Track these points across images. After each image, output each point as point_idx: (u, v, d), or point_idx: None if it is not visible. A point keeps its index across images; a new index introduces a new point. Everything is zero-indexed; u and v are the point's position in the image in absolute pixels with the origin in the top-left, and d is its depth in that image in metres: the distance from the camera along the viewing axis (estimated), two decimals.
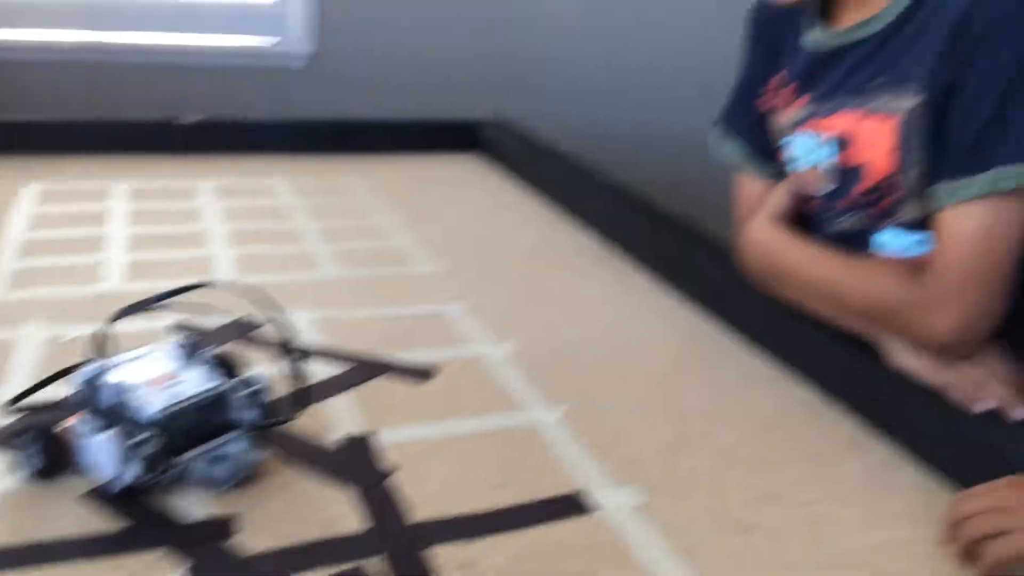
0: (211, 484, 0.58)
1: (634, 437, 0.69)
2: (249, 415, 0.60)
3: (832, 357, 0.77)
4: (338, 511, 0.58)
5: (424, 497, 0.60)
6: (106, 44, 2.14)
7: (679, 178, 2.10)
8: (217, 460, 0.58)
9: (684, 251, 1.01)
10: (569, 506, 0.60)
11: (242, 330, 0.82)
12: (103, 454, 0.55)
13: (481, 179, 1.50)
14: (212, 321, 0.82)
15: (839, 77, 0.75)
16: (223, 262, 1.02)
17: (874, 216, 0.76)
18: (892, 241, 0.75)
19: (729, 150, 0.87)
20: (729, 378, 0.80)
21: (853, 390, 0.74)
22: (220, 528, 0.55)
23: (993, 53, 0.65)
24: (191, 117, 1.53)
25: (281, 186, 1.36)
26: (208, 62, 2.24)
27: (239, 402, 0.60)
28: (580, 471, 0.64)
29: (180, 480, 0.58)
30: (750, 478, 0.64)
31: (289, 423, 0.64)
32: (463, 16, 2.23)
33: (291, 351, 0.65)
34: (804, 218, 0.83)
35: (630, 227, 1.13)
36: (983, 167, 0.66)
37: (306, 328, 0.85)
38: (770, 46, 0.83)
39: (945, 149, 0.68)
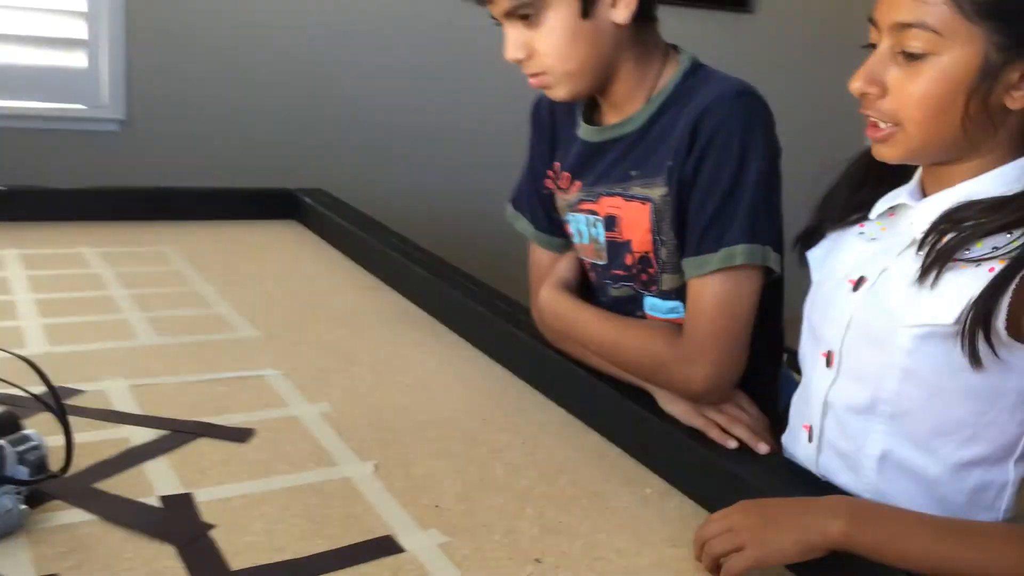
0: None
1: (439, 485, 0.76)
2: (20, 471, 0.63)
3: (614, 405, 0.87)
4: (161, 565, 0.61)
5: (242, 548, 0.64)
6: None
7: (483, 243, 2.23)
8: None
9: (487, 313, 1.11)
10: (379, 549, 0.66)
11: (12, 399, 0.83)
12: None
13: (298, 246, 1.55)
14: None
15: (604, 167, 0.87)
16: (33, 332, 1.02)
17: (640, 285, 0.88)
18: (656, 306, 0.88)
19: (521, 226, 0.98)
20: (528, 427, 0.89)
21: (631, 433, 0.85)
22: None
23: (719, 152, 0.79)
24: None
25: (92, 254, 1.35)
26: (17, 125, 2.17)
27: (12, 458, 0.63)
28: (388, 518, 0.70)
29: None
30: (540, 515, 0.73)
31: (93, 482, 0.67)
32: (277, 87, 2.28)
33: (57, 411, 0.69)
34: (588, 286, 0.94)
35: (438, 292, 1.21)
36: (716, 247, 0.79)
37: (122, 396, 0.87)
38: (550, 137, 0.94)
39: (688, 231, 0.82)
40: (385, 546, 0.66)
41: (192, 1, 2.16)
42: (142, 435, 0.80)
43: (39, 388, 0.73)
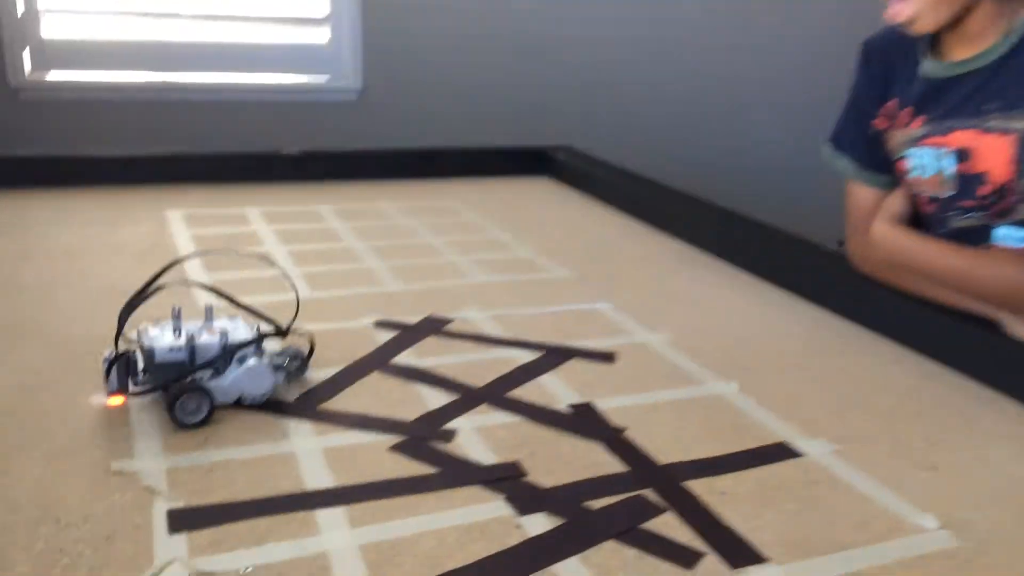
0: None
1: (805, 404, 0.82)
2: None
3: (953, 332, 0.90)
4: (596, 459, 0.70)
5: (654, 449, 0.72)
6: (176, 84, 2.26)
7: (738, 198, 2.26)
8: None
9: (778, 253, 1.15)
10: (779, 452, 0.72)
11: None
12: (258, 377, 0.73)
13: (560, 199, 1.63)
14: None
15: (955, 101, 0.89)
16: (384, 272, 1.14)
17: (992, 215, 0.90)
18: (1009, 236, 0.89)
19: (842, 165, 1.01)
20: (861, 357, 0.93)
21: (977, 359, 0.87)
22: (514, 469, 0.67)
23: None
24: (293, 149, 1.65)
25: (389, 207, 1.48)
26: (267, 98, 2.37)
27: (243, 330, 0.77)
28: (774, 428, 0.76)
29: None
30: (916, 429, 0.77)
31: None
32: (497, 53, 2.38)
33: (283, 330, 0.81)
34: (918, 220, 0.97)
35: (727, 235, 1.26)
36: None
37: (486, 324, 0.97)
38: (883, 77, 0.97)
39: None
40: (784, 451, 0.72)
41: None
42: (522, 356, 0.89)
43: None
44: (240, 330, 0.76)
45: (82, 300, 0.99)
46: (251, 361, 0.74)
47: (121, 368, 0.71)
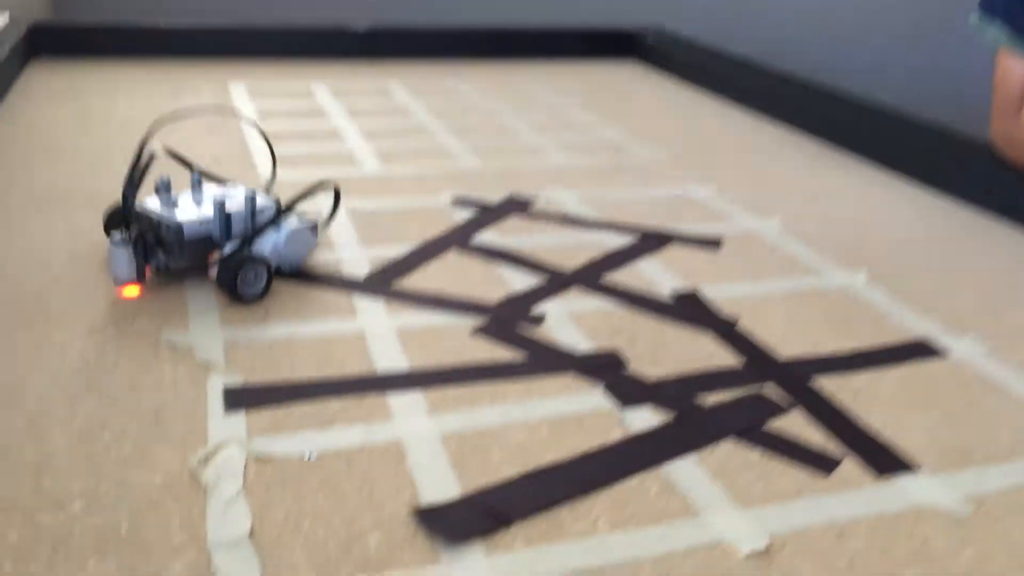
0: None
1: (946, 298, 0.71)
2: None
3: None
4: (706, 350, 0.61)
5: (777, 341, 0.62)
6: None
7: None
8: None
9: (897, 137, 1.02)
10: (922, 350, 0.62)
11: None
12: (299, 242, 0.66)
13: (650, 84, 1.51)
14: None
15: None
16: (460, 150, 1.05)
17: None
18: None
19: (994, 32, 0.87)
20: (1004, 251, 0.81)
21: None
22: (613, 359, 0.58)
23: None
24: (361, 25, 1.55)
25: (463, 86, 1.38)
26: None
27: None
28: (912, 324, 0.66)
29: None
30: None
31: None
32: None
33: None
34: None
35: (826, 120, 1.13)
36: None
37: (574, 205, 0.88)
38: None
39: None
40: (926, 349, 0.62)
41: None
42: (615, 239, 0.80)
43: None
44: (239, 197, 0.66)
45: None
46: (292, 222, 0.66)
47: (139, 253, 0.62)
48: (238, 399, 0.51)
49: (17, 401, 0.50)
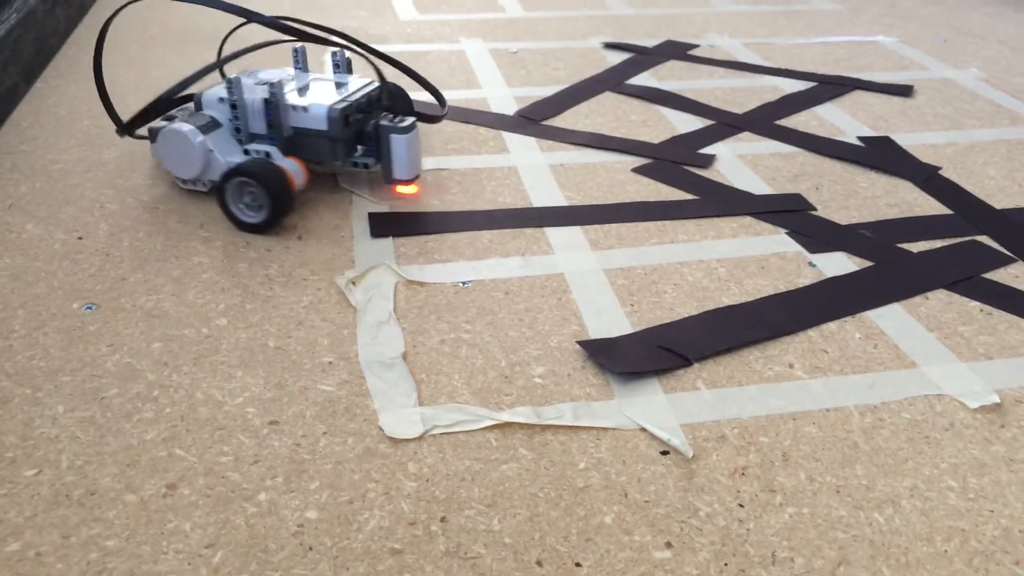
0: None
1: None
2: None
3: None
4: (906, 198, 0.53)
5: (988, 191, 0.54)
6: None
7: None
8: None
9: None
10: None
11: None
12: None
13: None
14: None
15: None
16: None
17: None
18: None
19: None
20: None
21: None
22: (800, 201, 0.52)
23: None
24: None
25: None
26: None
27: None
28: None
29: None
30: None
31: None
32: None
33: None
34: None
35: None
36: None
37: (739, 51, 0.79)
38: None
39: None
40: None
41: None
42: (789, 84, 0.71)
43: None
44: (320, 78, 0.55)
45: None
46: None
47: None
48: (384, 227, 0.47)
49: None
